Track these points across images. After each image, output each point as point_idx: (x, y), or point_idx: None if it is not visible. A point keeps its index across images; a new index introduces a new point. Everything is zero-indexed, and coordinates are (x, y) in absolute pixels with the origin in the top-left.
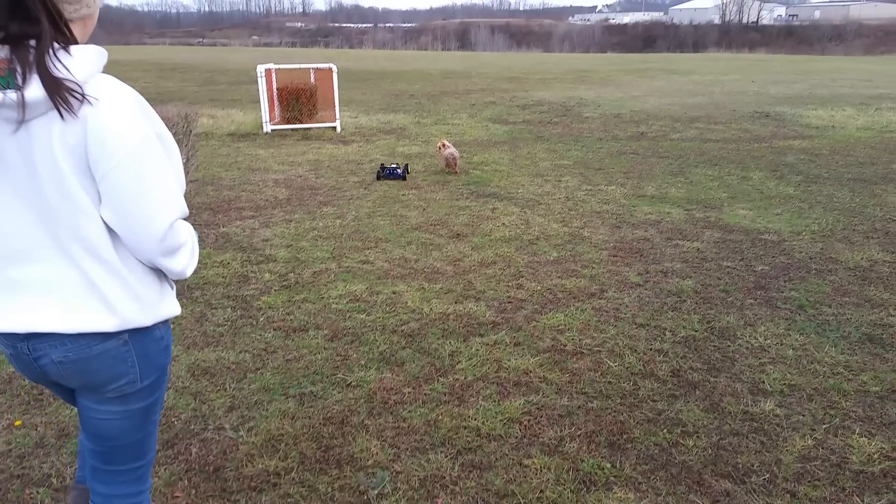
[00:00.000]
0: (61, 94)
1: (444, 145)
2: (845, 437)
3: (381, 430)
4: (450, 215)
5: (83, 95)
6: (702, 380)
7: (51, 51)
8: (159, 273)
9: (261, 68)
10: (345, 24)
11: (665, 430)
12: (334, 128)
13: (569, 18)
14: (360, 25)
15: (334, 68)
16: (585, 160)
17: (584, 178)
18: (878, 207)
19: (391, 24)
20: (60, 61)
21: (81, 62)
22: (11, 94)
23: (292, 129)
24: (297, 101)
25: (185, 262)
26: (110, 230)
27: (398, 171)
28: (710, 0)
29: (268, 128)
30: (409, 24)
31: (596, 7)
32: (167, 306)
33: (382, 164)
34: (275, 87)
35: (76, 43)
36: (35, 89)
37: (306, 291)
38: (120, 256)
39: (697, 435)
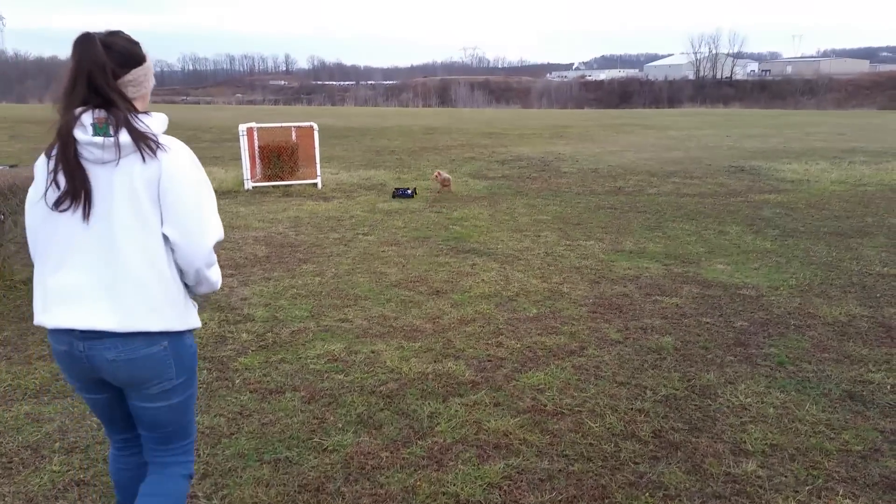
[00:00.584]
0: (145, 142)
1: (439, 174)
2: (829, 499)
3: (357, 497)
4: (429, 271)
5: (158, 143)
6: (683, 440)
7: (132, 114)
8: (186, 290)
9: (243, 127)
10: (327, 82)
11: (647, 494)
12: (315, 184)
13: (546, 75)
14: (342, 83)
15: (315, 126)
16: (564, 215)
17: (563, 234)
18: (854, 261)
19: (373, 82)
20: (141, 121)
21: (157, 122)
22: (110, 139)
23: (273, 186)
24: (279, 158)
25: (218, 275)
26: (164, 246)
27: (408, 192)
28: (684, 56)
29: (249, 185)
30: (391, 82)
31: (573, 64)
32: (194, 317)
33: (397, 187)
34: (256, 144)
35: (138, 112)
36: (125, 136)
37: (284, 352)
38: (169, 269)
39: (680, 498)
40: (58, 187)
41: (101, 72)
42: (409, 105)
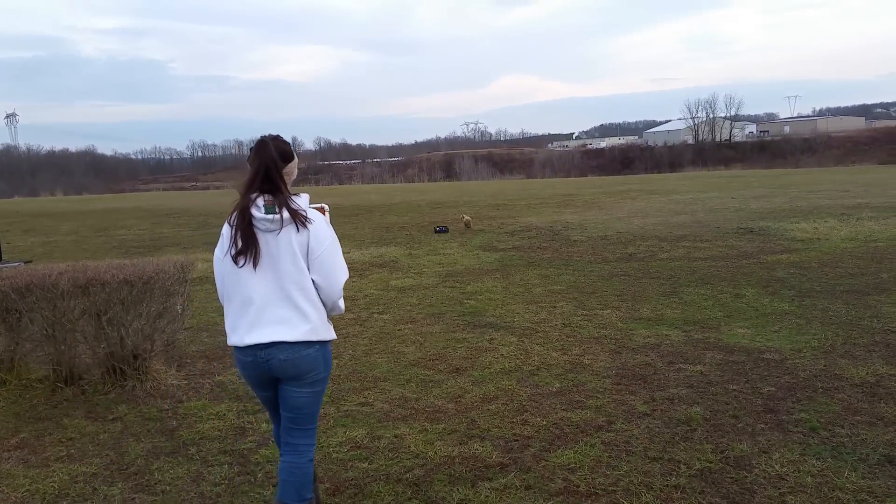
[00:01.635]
0: (298, 217)
1: (464, 215)
2: None
3: None
4: (447, 349)
5: (306, 218)
6: None
7: (289, 197)
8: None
9: None
10: (334, 162)
11: None
12: None
13: (548, 146)
14: (348, 162)
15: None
16: (578, 284)
17: (579, 303)
18: (874, 319)
19: (378, 160)
20: (295, 202)
21: (304, 200)
22: (276, 216)
23: None
24: None
25: (344, 304)
26: (313, 285)
27: (445, 228)
28: (682, 122)
29: None
30: (396, 159)
31: (573, 134)
32: (332, 332)
33: (436, 225)
34: None
35: (290, 193)
36: (286, 213)
37: None
38: (317, 299)
39: None
40: (237, 247)
41: (274, 166)
42: (414, 180)
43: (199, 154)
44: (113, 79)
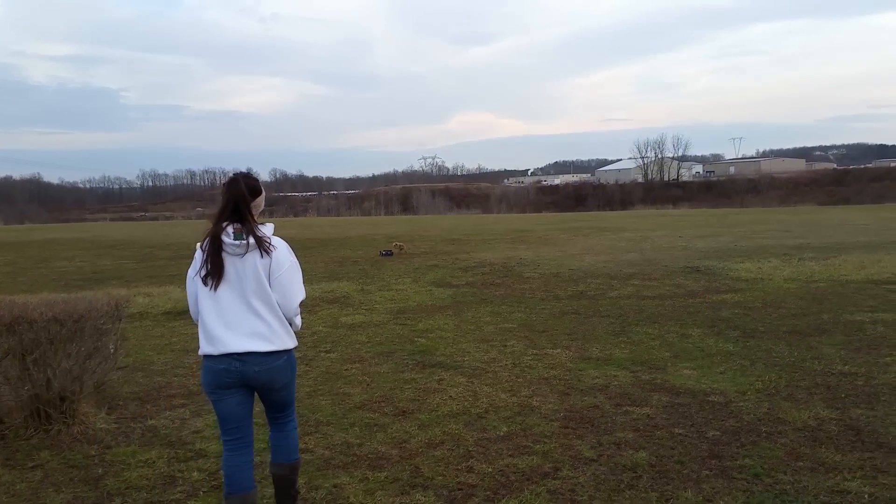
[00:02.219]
0: (263, 244)
1: (397, 243)
2: None
3: None
4: (395, 390)
5: (270, 244)
6: None
7: (255, 226)
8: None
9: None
10: (290, 193)
11: None
12: None
13: (503, 181)
14: (304, 194)
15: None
16: (529, 322)
17: (530, 342)
18: (815, 361)
19: (335, 192)
20: (260, 229)
21: (269, 229)
22: (243, 241)
23: None
24: None
25: (300, 319)
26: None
27: (390, 252)
28: (632, 161)
29: None
30: (353, 191)
31: (528, 170)
32: (295, 340)
33: (381, 249)
34: None
35: (257, 223)
36: (252, 240)
37: None
38: (283, 315)
39: None
40: (206, 269)
41: (243, 201)
42: (371, 213)
43: (150, 184)
44: (62, 106)
